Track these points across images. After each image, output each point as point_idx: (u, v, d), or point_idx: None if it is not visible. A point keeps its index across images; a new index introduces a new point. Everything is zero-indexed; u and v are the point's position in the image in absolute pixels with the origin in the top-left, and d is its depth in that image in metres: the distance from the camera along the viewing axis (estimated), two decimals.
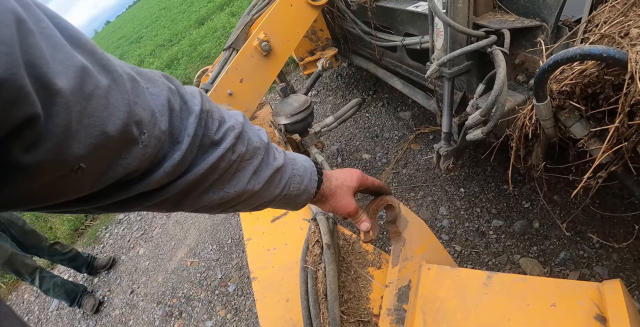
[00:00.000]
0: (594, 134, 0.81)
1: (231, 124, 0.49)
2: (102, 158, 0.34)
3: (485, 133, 1.08)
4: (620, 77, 0.68)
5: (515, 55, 1.21)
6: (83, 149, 0.31)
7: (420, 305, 0.78)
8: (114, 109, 0.33)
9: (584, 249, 1.45)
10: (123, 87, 0.35)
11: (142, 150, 0.38)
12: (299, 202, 0.63)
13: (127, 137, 0.35)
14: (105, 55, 0.35)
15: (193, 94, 0.46)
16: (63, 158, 0.30)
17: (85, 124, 0.31)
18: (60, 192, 0.34)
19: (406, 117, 2.52)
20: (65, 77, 0.29)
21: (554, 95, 0.79)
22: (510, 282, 0.76)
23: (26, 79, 0.25)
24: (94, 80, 0.31)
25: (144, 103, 0.38)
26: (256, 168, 0.53)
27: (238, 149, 0.49)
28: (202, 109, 0.45)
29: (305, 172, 0.62)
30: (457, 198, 1.84)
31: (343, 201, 0.69)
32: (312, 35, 2.60)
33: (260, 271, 1.08)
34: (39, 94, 0.27)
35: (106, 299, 2.68)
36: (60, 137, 0.29)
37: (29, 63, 0.26)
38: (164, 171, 0.41)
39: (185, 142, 0.42)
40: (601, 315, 0.66)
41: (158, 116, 0.40)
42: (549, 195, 1.62)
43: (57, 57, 0.29)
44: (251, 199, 0.54)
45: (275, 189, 0.57)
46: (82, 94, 0.30)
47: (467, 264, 1.58)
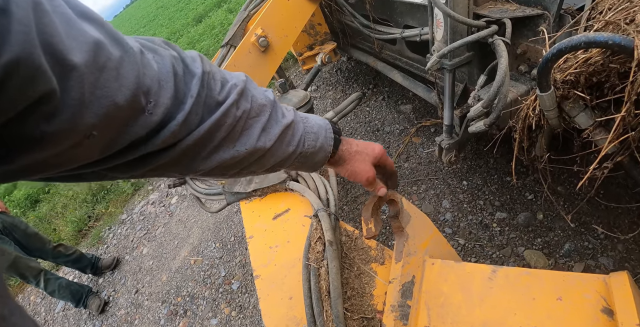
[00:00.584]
0: (599, 123, 0.79)
1: (233, 82, 0.50)
2: (112, 126, 0.36)
3: (487, 125, 1.06)
4: (626, 65, 0.66)
5: (517, 45, 1.19)
6: (95, 118, 0.33)
7: (424, 300, 0.77)
8: (124, 80, 0.35)
9: (589, 240, 1.43)
10: (133, 58, 0.37)
11: (148, 118, 0.39)
12: (316, 161, 0.62)
13: (135, 106, 0.37)
14: (114, 29, 0.37)
15: (194, 57, 0.47)
16: (78, 127, 0.32)
17: (97, 95, 0.33)
18: (72, 158, 0.36)
19: (407, 111, 2.50)
20: (79, 52, 0.31)
21: (557, 85, 0.77)
22: (515, 276, 0.75)
23: (42, 58, 0.27)
24: (106, 53, 0.33)
25: (151, 73, 0.39)
26: (264, 125, 0.52)
27: (242, 105, 0.49)
28: (203, 71, 0.46)
29: (320, 130, 0.61)
30: (459, 191, 1.83)
31: (361, 166, 0.68)
32: (311, 30, 2.56)
33: (263, 268, 1.07)
34: (55, 70, 0.29)
35: (111, 299, 2.69)
36: (75, 108, 0.31)
37: (45, 41, 0.28)
38: (169, 131, 0.42)
39: (188, 103, 0.43)
40: (608, 308, 0.65)
41: (163, 84, 0.41)
42: (552, 186, 1.61)
43: (71, 33, 0.31)
44: (265, 158, 0.54)
45: (288, 146, 0.56)
46: (95, 66, 0.32)
47: (471, 257, 1.57)
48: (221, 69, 0.53)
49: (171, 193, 3.35)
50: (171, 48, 0.46)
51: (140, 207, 3.47)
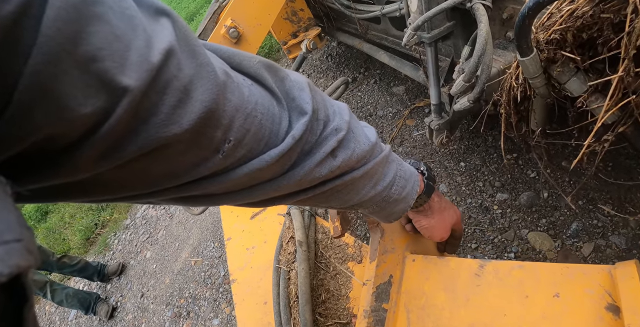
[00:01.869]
0: (594, 88, 0.68)
1: (335, 125, 0.39)
2: (161, 162, 0.28)
3: (472, 100, 0.95)
4: (620, 13, 0.55)
5: (502, 8, 1.06)
6: (138, 151, 0.25)
7: (403, 302, 0.69)
8: (194, 105, 0.26)
9: (598, 218, 1.32)
10: (213, 78, 0.27)
11: (220, 161, 0.31)
12: (394, 211, 0.54)
13: (204, 143, 0.28)
14: (195, 37, 0.28)
15: (302, 86, 0.37)
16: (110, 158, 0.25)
17: (150, 123, 0.25)
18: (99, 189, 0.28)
19: (400, 92, 2.38)
20: (136, 72, 0.23)
21: (541, 46, 0.66)
22: (505, 271, 0.65)
23: (65, 83, 0.20)
24: (174, 67, 0.25)
25: (237, 102, 0.30)
26: (357, 165, 0.44)
27: (341, 153, 0.40)
28: (313, 109, 0.36)
29: (410, 177, 0.53)
30: (457, 173, 1.72)
31: (443, 225, 0.65)
32: (293, 17, 2.45)
33: (239, 272, 1.00)
34: (100, 93, 0.22)
35: (119, 304, 2.71)
36: (112, 137, 0.24)
37: (88, 54, 0.21)
38: (245, 172, 0.33)
39: (286, 143, 0.34)
40: (614, 304, 0.55)
41: (258, 121, 0.32)
42: (556, 161, 1.49)
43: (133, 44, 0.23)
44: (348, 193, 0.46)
45: (375, 185, 0.47)
46: (155, 87, 0.24)
47: (472, 243, 1.47)
48: (325, 96, 0.42)
49: None
50: (274, 74, 0.36)
51: (142, 212, 3.47)
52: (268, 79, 0.35)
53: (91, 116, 0.22)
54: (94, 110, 0.22)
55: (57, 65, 0.20)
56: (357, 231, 1.82)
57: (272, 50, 4.03)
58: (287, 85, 0.36)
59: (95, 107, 0.22)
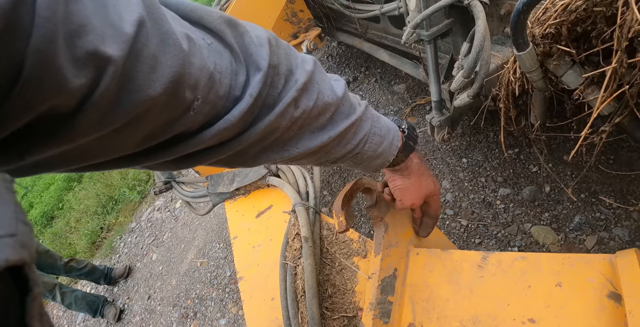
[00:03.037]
0: (590, 80, 0.69)
1: (296, 76, 0.41)
2: (143, 123, 0.31)
3: (471, 96, 0.96)
4: (612, 6, 0.56)
5: (500, 5, 1.07)
6: (124, 114, 0.28)
7: (408, 295, 0.70)
8: (164, 70, 0.29)
9: (601, 211, 1.32)
10: (177, 45, 0.30)
11: (192, 117, 0.33)
12: (371, 165, 0.56)
13: (177, 103, 0.31)
14: (159, 6, 0.30)
15: (261, 41, 0.38)
16: (104, 123, 0.28)
17: (128, 89, 0.28)
18: (97, 152, 0.31)
19: (401, 90, 2.39)
20: (116, 42, 0.25)
21: (537, 40, 0.67)
22: (508, 262, 0.67)
23: (63, 57, 0.23)
24: (144, 37, 0.27)
25: (200, 63, 0.32)
26: (325, 123, 0.45)
27: (302, 104, 0.41)
28: (269, 64, 0.37)
29: (387, 134, 0.54)
30: (459, 169, 1.73)
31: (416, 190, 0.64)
32: (293, 18, 2.46)
33: (246, 270, 1.02)
34: (88, 64, 0.24)
35: (126, 307, 2.73)
36: (102, 106, 0.27)
37: (73, 33, 0.23)
38: (214, 132, 0.36)
39: (245, 102, 0.36)
40: (615, 292, 0.56)
41: (217, 79, 0.34)
42: (558, 155, 1.49)
43: (107, 19, 0.25)
44: (317, 155, 0.48)
45: (346, 145, 0.49)
46: (130, 56, 0.27)
47: (475, 238, 1.48)
48: (290, 49, 0.42)
49: (175, 197, 3.35)
50: (234, 29, 0.37)
51: (147, 214, 3.49)
52: (228, 34, 0.36)
53: (84, 85, 0.25)
54: (86, 80, 0.25)
55: (54, 42, 0.22)
56: (361, 228, 1.83)
57: None
58: (246, 41, 0.37)
59: (87, 77, 0.25)
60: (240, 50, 0.37)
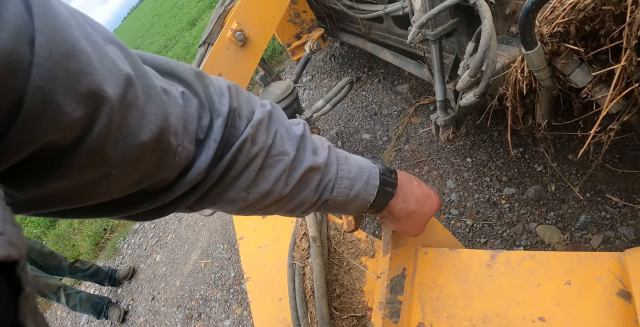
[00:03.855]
0: (598, 79, 0.69)
1: (256, 116, 0.43)
2: (136, 167, 0.33)
3: (477, 95, 0.96)
4: (621, 5, 0.56)
5: (505, 4, 1.08)
6: (118, 158, 0.31)
7: (417, 294, 0.70)
8: (150, 118, 0.32)
9: (606, 210, 1.32)
10: (159, 97, 0.34)
11: (176, 163, 0.37)
12: (350, 209, 0.53)
13: (164, 148, 0.34)
14: (141, 62, 0.34)
15: (222, 90, 0.42)
16: (97, 165, 0.30)
17: (123, 133, 0.30)
18: (84, 196, 0.33)
19: (404, 91, 2.39)
20: (113, 85, 0.28)
21: (545, 39, 0.67)
22: (517, 261, 0.67)
23: (62, 94, 0.25)
24: (134, 89, 0.31)
25: (177, 113, 0.36)
26: (286, 167, 0.44)
27: (260, 140, 0.43)
28: (230, 108, 0.41)
29: (359, 175, 0.51)
30: (464, 169, 1.73)
31: (414, 228, 0.63)
32: (296, 19, 2.47)
33: (253, 270, 1.02)
34: (87, 100, 0.26)
35: (131, 308, 2.73)
36: (98, 145, 0.29)
37: (78, 70, 0.25)
38: (189, 180, 0.39)
39: (211, 149, 0.39)
40: (624, 290, 0.56)
41: (187, 126, 0.38)
42: (563, 154, 1.49)
43: (104, 63, 0.28)
44: (281, 203, 0.47)
45: (311, 192, 0.48)
46: (124, 103, 0.30)
47: (480, 237, 1.48)
48: (251, 96, 0.46)
49: None
50: (200, 80, 0.41)
51: None
52: (196, 83, 0.40)
53: (81, 119, 0.27)
54: (83, 114, 0.26)
55: (54, 79, 0.24)
56: (366, 228, 1.83)
57: (275, 52, 4.05)
58: (211, 90, 0.41)
59: (84, 112, 0.27)
60: (206, 98, 0.40)
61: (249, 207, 0.46)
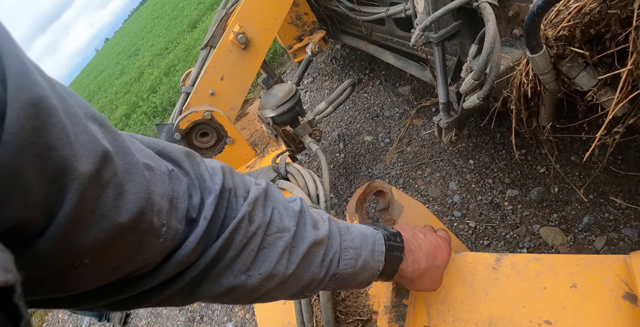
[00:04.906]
0: (604, 82, 0.69)
1: (251, 194, 0.42)
2: (114, 253, 0.30)
3: (481, 98, 0.97)
4: (627, 9, 0.56)
5: (508, 6, 1.08)
6: (90, 243, 0.28)
7: (423, 297, 0.70)
8: (129, 197, 0.30)
9: (610, 211, 1.32)
10: (141, 174, 0.32)
11: (161, 245, 0.34)
12: (360, 281, 0.51)
13: (145, 228, 0.32)
14: (123, 138, 0.33)
15: (214, 170, 0.41)
16: (65, 253, 0.27)
17: (97, 214, 0.28)
18: (49, 288, 0.29)
19: (406, 93, 2.40)
20: (86, 162, 0.26)
21: (550, 43, 0.67)
22: (522, 264, 0.67)
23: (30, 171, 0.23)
24: (112, 167, 0.29)
25: (161, 190, 0.34)
26: (287, 244, 0.43)
27: (257, 218, 0.41)
28: (223, 187, 0.40)
29: (364, 243, 0.50)
30: (466, 171, 1.73)
31: (431, 284, 0.61)
32: (297, 21, 2.48)
33: None
34: (55, 179, 0.24)
35: (132, 311, 2.72)
36: (67, 228, 0.25)
37: (49, 144, 0.24)
38: (177, 261, 0.36)
39: (201, 226, 0.37)
40: (631, 293, 0.56)
41: (176, 204, 0.36)
42: (565, 156, 1.49)
43: (80, 138, 0.26)
44: (287, 284, 0.44)
45: (317, 268, 0.45)
46: (99, 181, 0.27)
47: (484, 239, 1.48)
48: (245, 177, 0.45)
49: None
50: (190, 159, 0.40)
51: None
52: (186, 162, 0.39)
53: (47, 200, 0.24)
54: (49, 194, 0.24)
55: (23, 156, 0.22)
56: None
57: (276, 54, 4.06)
58: (201, 169, 0.40)
59: (50, 191, 0.24)
60: (196, 177, 0.39)
61: (250, 293, 0.42)
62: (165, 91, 5.95)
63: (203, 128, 1.48)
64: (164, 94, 5.87)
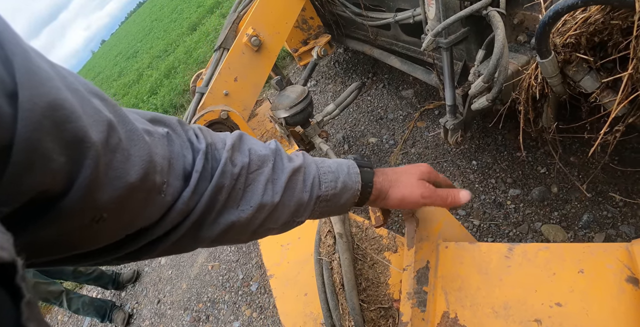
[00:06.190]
0: (606, 85, 0.75)
1: (228, 143, 0.47)
2: (126, 209, 0.35)
3: (490, 100, 1.03)
4: (628, 20, 0.62)
5: (513, 14, 1.14)
6: (108, 201, 0.32)
7: (441, 285, 0.75)
8: (135, 160, 0.34)
9: (608, 209, 1.39)
10: (142, 139, 0.36)
11: (162, 199, 0.39)
12: (343, 203, 0.55)
13: (150, 187, 0.36)
14: (122, 109, 0.37)
15: (196, 133, 0.47)
16: (86, 210, 0.30)
17: (110, 176, 0.32)
18: (72, 244, 0.33)
19: (409, 96, 2.46)
20: (96, 131, 0.30)
21: (558, 49, 0.73)
22: (533, 252, 0.72)
23: (48, 141, 0.26)
24: (117, 134, 0.33)
25: (161, 152, 0.39)
26: (269, 176, 0.48)
27: (238, 161, 0.46)
28: (207, 144, 0.45)
29: (339, 168, 0.55)
30: (470, 171, 1.79)
31: (408, 188, 0.59)
32: (303, 25, 2.54)
33: (276, 267, 1.06)
34: (72, 147, 0.28)
35: (135, 311, 2.72)
36: (87, 189, 0.29)
37: (62, 118, 0.27)
38: (176, 211, 0.41)
39: (193, 179, 0.42)
40: (633, 276, 0.62)
41: (174, 163, 0.41)
42: (565, 157, 1.56)
43: (87, 111, 0.30)
44: (276, 212, 0.49)
45: (301, 193, 0.50)
46: (109, 147, 0.31)
47: (487, 237, 1.53)
48: (216, 134, 0.50)
49: None
50: (182, 125, 0.46)
51: None
52: (178, 127, 0.45)
53: (68, 165, 0.28)
54: (70, 160, 0.28)
55: (40, 129, 0.25)
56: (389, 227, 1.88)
57: (279, 58, 4.11)
58: (190, 134, 0.46)
59: (70, 158, 0.28)
60: (187, 139, 0.45)
61: (247, 226, 0.47)
62: (166, 93, 5.96)
63: (219, 127, 1.53)
64: (165, 96, 5.89)
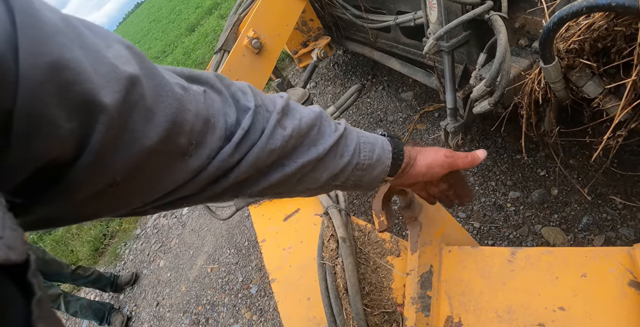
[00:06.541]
0: (609, 91, 0.76)
1: (277, 107, 0.45)
2: (143, 174, 0.32)
3: (492, 104, 1.03)
4: (632, 27, 0.63)
5: (515, 18, 1.15)
6: (121, 166, 0.29)
7: (444, 290, 0.75)
8: (159, 120, 0.31)
9: (607, 212, 1.39)
10: (172, 94, 0.32)
11: (187, 161, 0.35)
12: (375, 176, 0.54)
13: (171, 149, 0.33)
14: (151, 61, 0.33)
15: (244, 90, 0.44)
16: (99, 174, 0.28)
17: (125, 140, 0.29)
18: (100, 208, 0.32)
19: (409, 98, 2.46)
20: (110, 92, 0.27)
21: (561, 54, 0.74)
22: (536, 256, 0.72)
23: (53, 106, 0.24)
24: (139, 90, 0.29)
25: (196, 109, 0.35)
26: (315, 138, 0.47)
27: (288, 124, 0.45)
28: (256, 104, 0.42)
29: (376, 141, 0.55)
30: (470, 174, 1.80)
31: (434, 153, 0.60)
32: (303, 27, 2.54)
33: (278, 271, 1.06)
34: (81, 111, 0.25)
35: (134, 314, 2.71)
36: (98, 155, 0.27)
37: (69, 80, 0.24)
38: (211, 171, 0.38)
39: (237, 136, 0.39)
40: (635, 281, 0.62)
41: (212, 123, 0.37)
42: (565, 160, 1.57)
43: (100, 69, 0.27)
44: (318, 171, 0.48)
45: (342, 157, 0.50)
46: (125, 106, 0.28)
47: (488, 239, 1.54)
48: (271, 95, 0.49)
49: None
50: (221, 80, 0.43)
51: (152, 221, 3.49)
52: (217, 83, 0.41)
53: (77, 131, 0.26)
54: (78, 126, 0.26)
55: (43, 92, 0.23)
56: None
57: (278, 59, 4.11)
58: (233, 89, 0.43)
59: (80, 122, 0.26)
60: (230, 96, 0.42)
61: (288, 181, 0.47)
62: None
63: None
64: None
